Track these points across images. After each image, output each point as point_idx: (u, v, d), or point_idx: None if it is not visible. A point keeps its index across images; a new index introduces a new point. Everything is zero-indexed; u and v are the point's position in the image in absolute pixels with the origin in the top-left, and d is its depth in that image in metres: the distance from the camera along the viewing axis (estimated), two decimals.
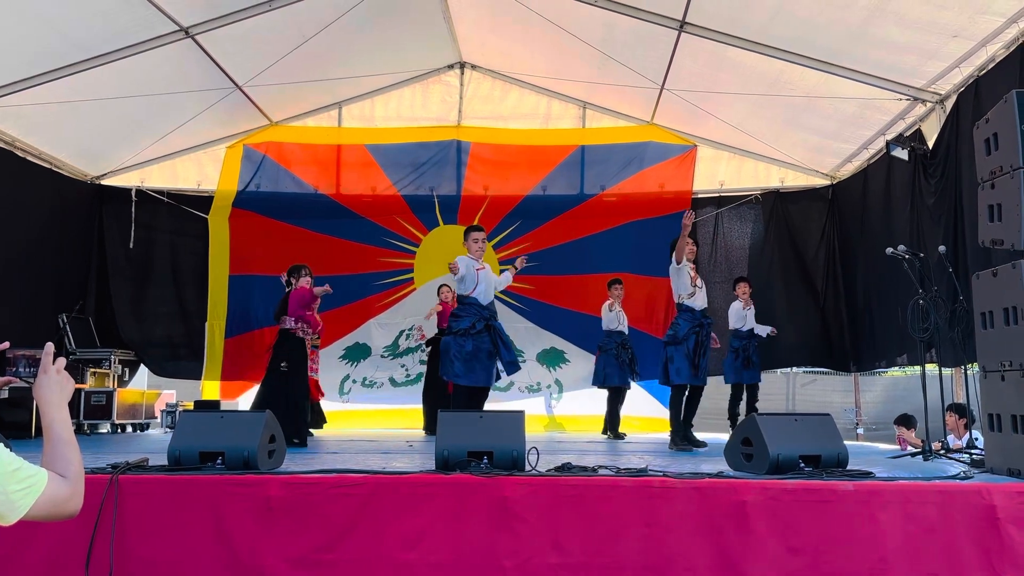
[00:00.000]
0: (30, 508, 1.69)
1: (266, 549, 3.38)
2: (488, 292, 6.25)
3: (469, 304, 6.16)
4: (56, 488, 1.74)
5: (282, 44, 8.24)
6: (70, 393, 1.89)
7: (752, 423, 4.02)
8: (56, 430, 1.83)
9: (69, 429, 1.85)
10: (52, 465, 1.78)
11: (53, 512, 1.74)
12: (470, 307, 6.15)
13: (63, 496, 1.75)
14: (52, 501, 1.73)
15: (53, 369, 1.87)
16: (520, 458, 3.74)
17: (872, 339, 9.00)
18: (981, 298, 4.20)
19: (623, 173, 10.23)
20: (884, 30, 6.71)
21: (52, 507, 1.73)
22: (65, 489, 1.75)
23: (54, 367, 1.88)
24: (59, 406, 1.85)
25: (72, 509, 1.78)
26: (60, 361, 1.89)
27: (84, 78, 7.62)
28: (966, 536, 3.36)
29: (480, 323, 6.05)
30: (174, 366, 10.23)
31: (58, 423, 1.84)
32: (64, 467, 1.78)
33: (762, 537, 3.34)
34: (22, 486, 1.68)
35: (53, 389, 1.86)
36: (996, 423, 4.00)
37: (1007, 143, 4.01)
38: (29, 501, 1.69)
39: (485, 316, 6.11)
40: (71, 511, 1.78)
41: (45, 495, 1.71)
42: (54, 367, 1.88)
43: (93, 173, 9.94)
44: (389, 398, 10.11)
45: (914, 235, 7.61)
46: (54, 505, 1.73)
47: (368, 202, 10.29)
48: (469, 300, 6.17)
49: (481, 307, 6.16)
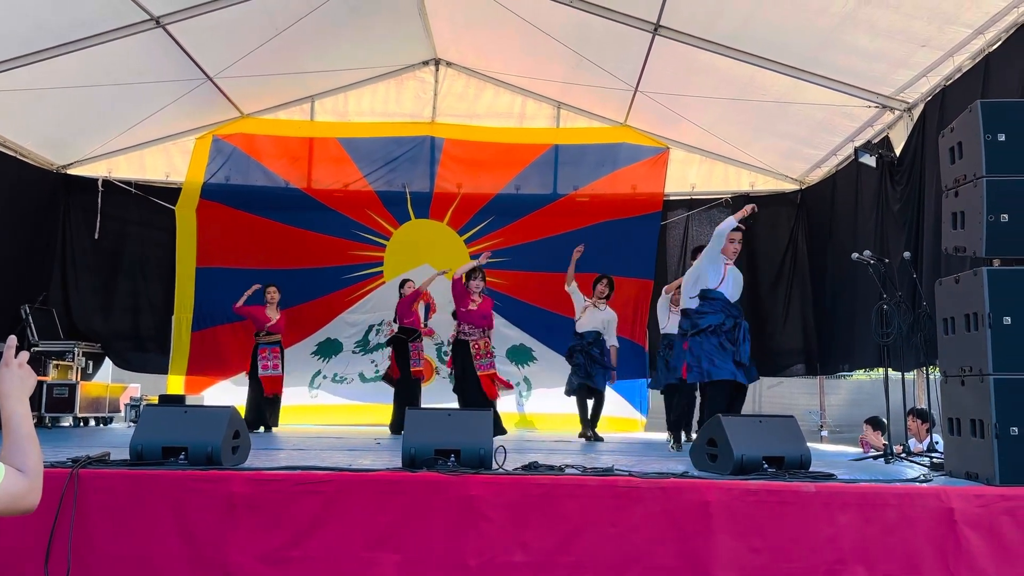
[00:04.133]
0: None
1: (230, 546, 3.35)
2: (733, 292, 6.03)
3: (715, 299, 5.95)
4: (13, 482, 1.72)
5: (255, 36, 8.16)
6: (31, 387, 1.88)
7: (717, 424, 4.06)
8: (15, 424, 1.81)
9: (29, 423, 1.83)
10: (10, 459, 1.77)
11: (9, 506, 1.73)
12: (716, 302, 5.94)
13: (20, 491, 1.73)
14: (9, 495, 1.71)
15: (15, 363, 1.86)
16: (487, 456, 3.75)
17: (837, 342, 9.12)
18: (943, 304, 4.27)
19: (596, 173, 10.27)
20: (855, 38, 6.80)
21: (9, 501, 1.72)
22: (22, 483, 1.74)
23: (16, 360, 1.86)
24: (19, 399, 1.84)
25: (29, 504, 1.76)
26: (23, 355, 1.88)
27: (51, 65, 7.48)
28: (924, 538, 3.42)
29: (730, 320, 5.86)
30: (140, 359, 10.11)
31: (18, 417, 1.82)
32: (22, 461, 1.77)
33: (724, 537, 3.38)
34: None
35: (14, 383, 1.84)
36: (956, 427, 4.07)
37: (971, 152, 4.08)
38: None
39: (734, 315, 5.93)
40: (28, 506, 1.76)
41: (1, 489, 1.70)
42: (16, 360, 1.86)
43: (59, 162, 9.78)
44: (358, 394, 10.07)
45: (880, 241, 7.73)
46: (11, 499, 1.72)
47: (339, 196, 10.23)
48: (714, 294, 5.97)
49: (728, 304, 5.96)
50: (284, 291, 8.91)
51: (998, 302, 3.80)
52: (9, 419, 1.82)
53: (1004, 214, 3.91)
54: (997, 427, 3.68)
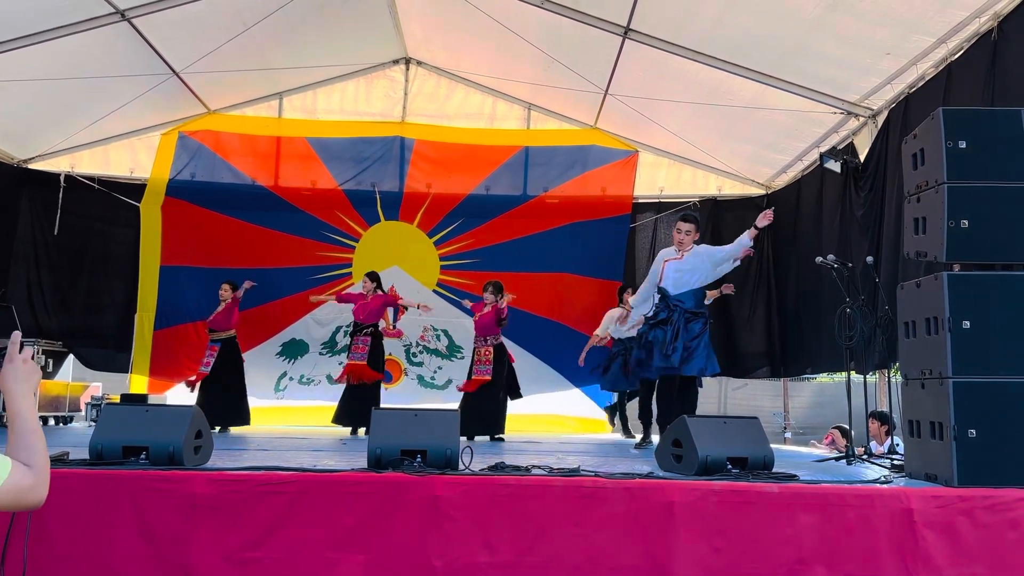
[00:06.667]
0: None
1: (192, 546, 3.31)
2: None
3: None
4: (20, 477, 1.74)
5: (222, 31, 8.08)
6: (36, 383, 1.90)
7: (683, 425, 4.09)
8: (22, 420, 1.83)
9: (35, 419, 1.85)
10: (16, 454, 1.78)
11: (16, 501, 1.74)
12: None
13: (27, 485, 1.75)
14: (16, 489, 1.73)
15: (20, 358, 1.88)
16: (453, 457, 3.73)
17: (801, 345, 9.23)
18: (904, 308, 4.33)
19: (566, 175, 10.31)
20: (821, 45, 6.89)
21: (16, 496, 1.73)
22: (29, 479, 1.76)
23: (20, 356, 1.88)
24: (24, 395, 1.86)
25: (36, 499, 1.78)
26: (27, 350, 1.89)
27: (11, 57, 7.35)
28: (884, 538, 3.47)
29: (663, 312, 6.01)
30: (101, 357, 9.94)
31: (24, 412, 1.84)
32: (28, 456, 1.78)
33: (688, 537, 3.40)
34: None
35: (19, 378, 1.86)
36: (916, 429, 4.14)
37: (933, 159, 4.14)
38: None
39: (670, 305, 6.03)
40: (35, 500, 1.78)
41: (8, 483, 1.71)
42: (20, 356, 1.88)
43: (20, 156, 9.60)
44: (325, 395, 9.98)
45: (843, 245, 7.83)
46: (18, 493, 1.73)
47: (307, 196, 10.14)
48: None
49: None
50: (249, 290, 8.79)
51: (958, 306, 3.86)
52: (15, 415, 1.83)
53: (964, 220, 3.98)
54: (956, 429, 3.74)
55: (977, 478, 3.66)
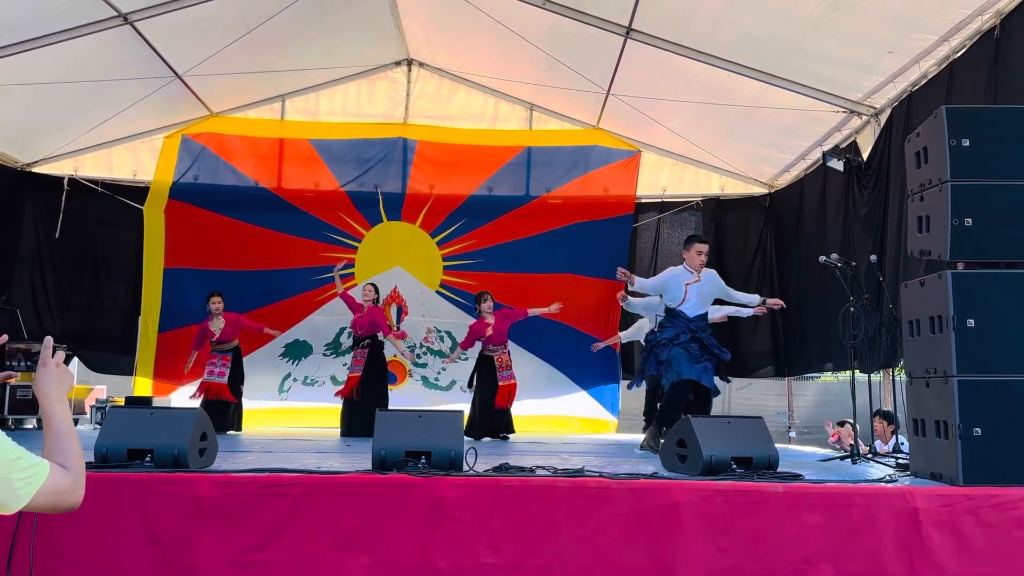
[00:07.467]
0: (32, 498, 1.70)
1: (196, 548, 3.31)
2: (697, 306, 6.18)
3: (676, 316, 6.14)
4: (58, 479, 1.75)
5: (224, 34, 8.08)
6: (70, 386, 1.92)
7: (687, 425, 4.08)
8: (57, 423, 1.84)
9: (69, 421, 1.86)
10: (53, 457, 1.79)
11: (55, 503, 1.75)
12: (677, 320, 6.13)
13: (65, 487, 1.76)
14: (54, 491, 1.74)
15: (52, 362, 1.89)
16: (458, 458, 3.74)
17: (805, 344, 9.22)
18: (909, 307, 4.33)
19: (568, 176, 10.30)
20: (823, 44, 6.88)
21: (54, 497, 1.74)
22: (67, 480, 1.77)
23: (53, 360, 1.89)
24: (59, 399, 1.87)
25: (73, 501, 1.79)
26: (59, 354, 1.90)
27: (14, 61, 7.35)
28: (889, 538, 3.46)
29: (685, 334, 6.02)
30: (105, 360, 9.96)
31: (58, 415, 1.85)
32: (65, 458, 1.79)
33: (693, 537, 3.40)
34: (24, 475, 1.69)
35: (52, 382, 1.87)
36: (920, 428, 4.13)
37: (936, 157, 4.14)
38: (31, 491, 1.69)
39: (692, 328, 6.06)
40: (72, 503, 1.79)
41: (47, 485, 1.72)
42: (53, 360, 1.89)
43: (24, 160, 9.61)
44: (329, 396, 9.98)
45: (847, 244, 7.82)
46: (57, 495, 1.74)
47: (310, 197, 10.15)
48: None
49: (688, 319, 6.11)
50: (252, 292, 8.81)
51: (962, 305, 3.85)
52: (51, 418, 1.84)
53: (968, 218, 3.98)
54: (961, 428, 3.73)
55: (983, 477, 3.65)
